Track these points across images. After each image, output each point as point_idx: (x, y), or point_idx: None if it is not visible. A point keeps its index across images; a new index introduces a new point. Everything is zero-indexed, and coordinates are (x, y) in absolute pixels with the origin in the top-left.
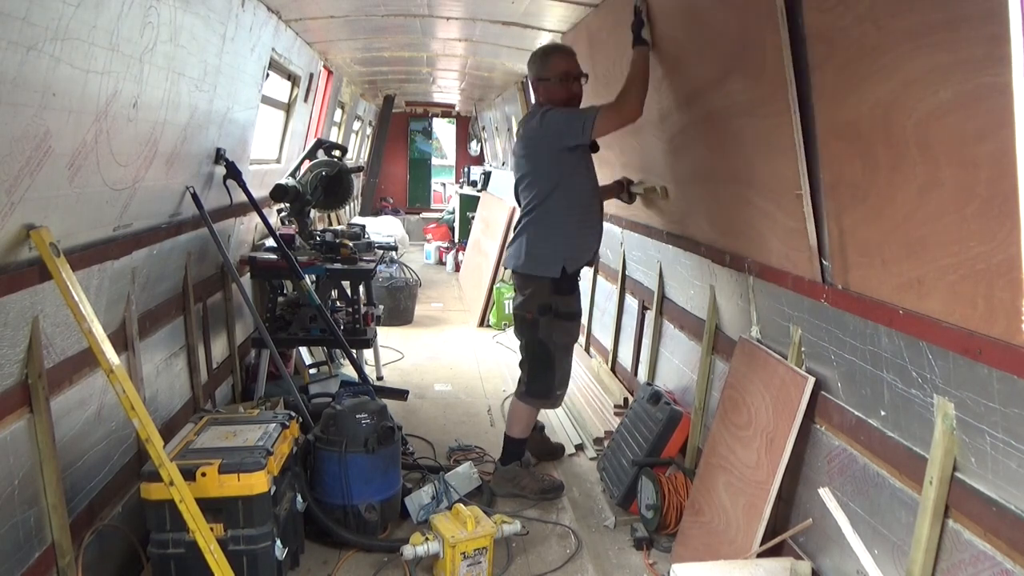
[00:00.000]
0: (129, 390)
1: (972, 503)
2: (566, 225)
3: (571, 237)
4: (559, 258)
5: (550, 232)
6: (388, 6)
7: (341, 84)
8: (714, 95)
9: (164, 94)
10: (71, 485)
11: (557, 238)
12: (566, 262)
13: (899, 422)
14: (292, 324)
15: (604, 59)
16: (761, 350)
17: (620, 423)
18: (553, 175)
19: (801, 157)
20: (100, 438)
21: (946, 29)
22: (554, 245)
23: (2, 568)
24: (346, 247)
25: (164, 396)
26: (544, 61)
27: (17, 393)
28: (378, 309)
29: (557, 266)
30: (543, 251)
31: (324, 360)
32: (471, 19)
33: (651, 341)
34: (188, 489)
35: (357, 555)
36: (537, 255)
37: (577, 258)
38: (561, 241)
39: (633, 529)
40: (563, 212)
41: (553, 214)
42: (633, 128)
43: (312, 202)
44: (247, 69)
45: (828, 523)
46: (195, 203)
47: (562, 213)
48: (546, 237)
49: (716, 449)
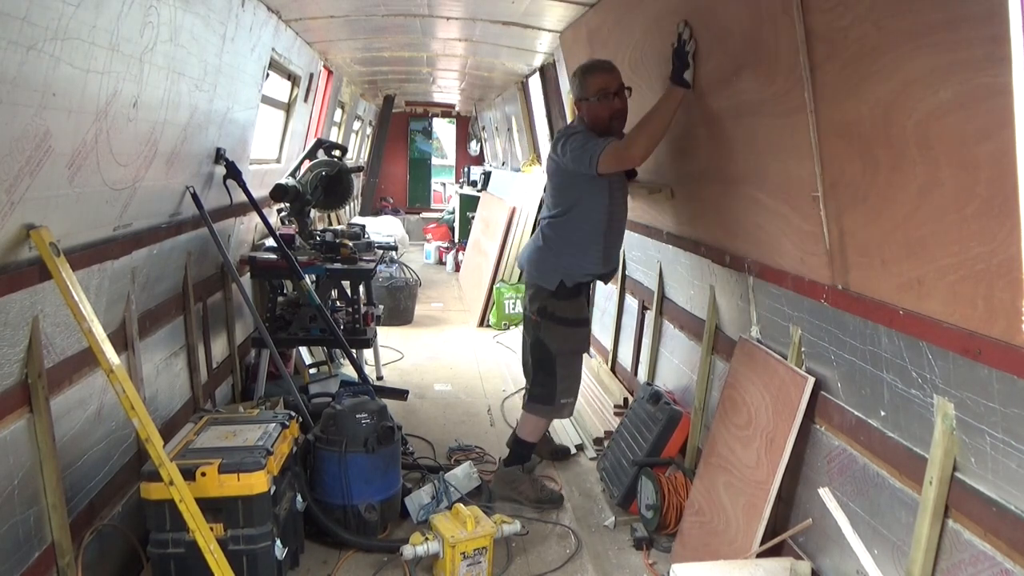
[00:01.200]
0: (129, 390)
1: (972, 503)
2: (572, 245)
3: (575, 257)
4: (558, 274)
5: (556, 247)
6: (388, 6)
7: (341, 84)
8: (723, 94)
9: (164, 94)
10: (71, 485)
11: (560, 255)
12: (564, 277)
13: (899, 422)
14: (292, 324)
15: (605, 57)
16: (761, 350)
17: (620, 423)
18: (569, 197)
19: (816, 158)
20: (100, 438)
21: (946, 30)
22: (555, 261)
23: (2, 568)
24: (346, 247)
25: (164, 396)
26: (582, 81)
27: (17, 393)
28: (378, 309)
29: (554, 280)
30: (545, 263)
31: (324, 360)
32: (471, 19)
33: (651, 341)
34: (188, 489)
35: (357, 555)
36: (539, 264)
37: (575, 275)
38: (564, 259)
39: (633, 529)
40: (572, 232)
41: (562, 232)
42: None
43: (312, 202)
44: (247, 69)
45: (828, 523)
46: (195, 203)
47: (571, 233)
48: (550, 250)
49: (716, 449)
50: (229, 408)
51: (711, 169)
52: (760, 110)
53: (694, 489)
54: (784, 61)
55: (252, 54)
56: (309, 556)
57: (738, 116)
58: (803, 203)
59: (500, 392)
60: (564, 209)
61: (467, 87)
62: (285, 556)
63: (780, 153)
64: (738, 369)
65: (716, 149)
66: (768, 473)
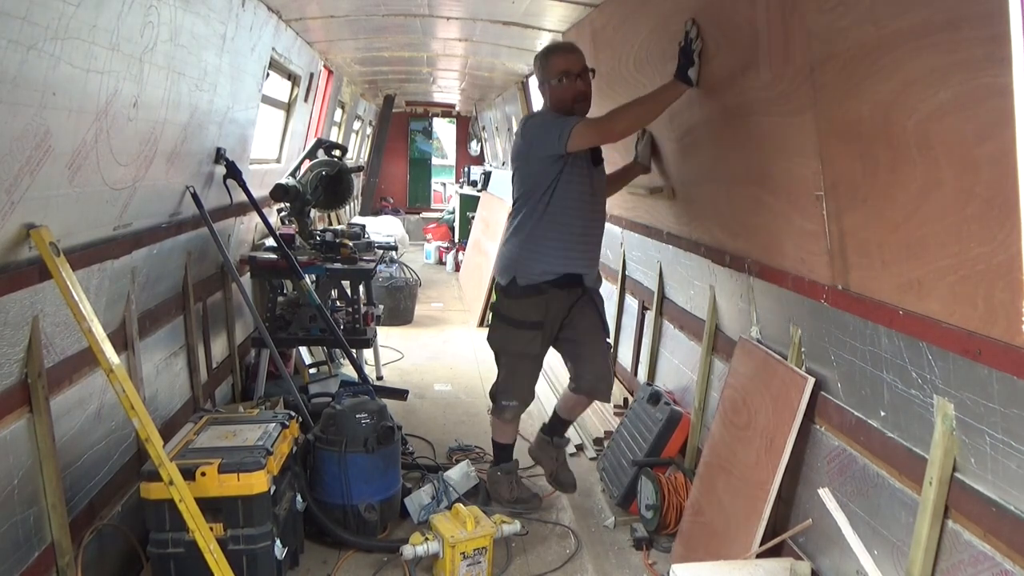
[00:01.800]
0: (129, 390)
1: (972, 504)
2: (528, 239)
3: (529, 252)
4: (511, 270)
5: (512, 241)
6: (388, 6)
7: (341, 84)
8: (728, 92)
9: (164, 93)
10: (71, 484)
11: (515, 249)
12: (518, 274)
13: (898, 422)
14: (292, 324)
15: (609, 57)
16: (761, 350)
17: (620, 423)
18: (526, 185)
19: (818, 157)
20: (100, 437)
21: (946, 30)
22: (510, 256)
23: (2, 567)
24: (346, 247)
25: (164, 396)
26: (544, 63)
27: (17, 392)
28: (378, 309)
29: (507, 276)
30: (503, 257)
31: (324, 360)
32: (471, 19)
33: (651, 341)
34: (188, 489)
35: (356, 555)
36: (499, 258)
37: (529, 273)
38: (518, 254)
39: (633, 529)
40: (530, 224)
41: (520, 223)
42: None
43: (312, 202)
44: (247, 69)
45: (828, 523)
46: (195, 202)
47: (529, 225)
48: (507, 243)
49: (716, 449)
50: (229, 408)
51: (714, 169)
52: (766, 109)
53: (694, 489)
54: (792, 61)
55: (252, 54)
56: (309, 556)
57: (743, 115)
58: (806, 202)
59: None
60: (522, 200)
61: (467, 87)
62: (285, 556)
63: (784, 152)
64: (738, 369)
65: (719, 148)
66: (768, 473)
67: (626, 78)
